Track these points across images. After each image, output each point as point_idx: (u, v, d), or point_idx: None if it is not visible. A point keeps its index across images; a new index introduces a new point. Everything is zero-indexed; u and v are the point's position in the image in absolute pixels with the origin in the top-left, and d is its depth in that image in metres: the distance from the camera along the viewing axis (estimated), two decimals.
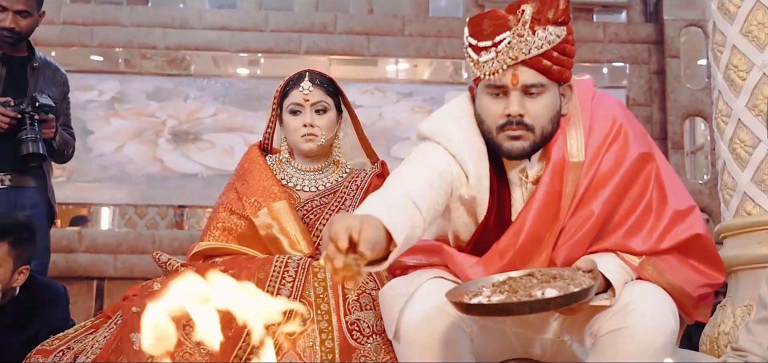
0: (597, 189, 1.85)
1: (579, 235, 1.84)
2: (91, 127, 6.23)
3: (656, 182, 1.89)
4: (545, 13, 1.76)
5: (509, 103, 1.79)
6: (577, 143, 1.86)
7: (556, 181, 1.83)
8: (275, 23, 6.39)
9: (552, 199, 1.83)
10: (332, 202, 2.42)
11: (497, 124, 1.81)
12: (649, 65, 6.47)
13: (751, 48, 2.54)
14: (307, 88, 2.42)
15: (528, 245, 1.84)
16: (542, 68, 1.77)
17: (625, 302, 1.75)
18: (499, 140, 1.82)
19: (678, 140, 6.30)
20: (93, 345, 2.12)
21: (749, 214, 2.52)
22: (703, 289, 1.91)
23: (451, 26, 6.45)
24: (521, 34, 1.75)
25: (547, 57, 1.77)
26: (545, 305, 1.59)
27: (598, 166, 1.85)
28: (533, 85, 1.78)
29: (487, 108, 1.83)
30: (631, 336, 1.71)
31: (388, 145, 6.32)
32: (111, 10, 6.40)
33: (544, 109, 1.80)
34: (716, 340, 2.49)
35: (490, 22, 1.78)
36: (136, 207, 6.40)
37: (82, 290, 5.73)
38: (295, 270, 2.15)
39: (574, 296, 1.59)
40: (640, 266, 1.83)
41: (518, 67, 1.76)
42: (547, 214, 1.84)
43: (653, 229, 1.85)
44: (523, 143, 1.81)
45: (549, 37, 1.76)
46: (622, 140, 1.87)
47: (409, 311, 1.81)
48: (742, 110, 2.55)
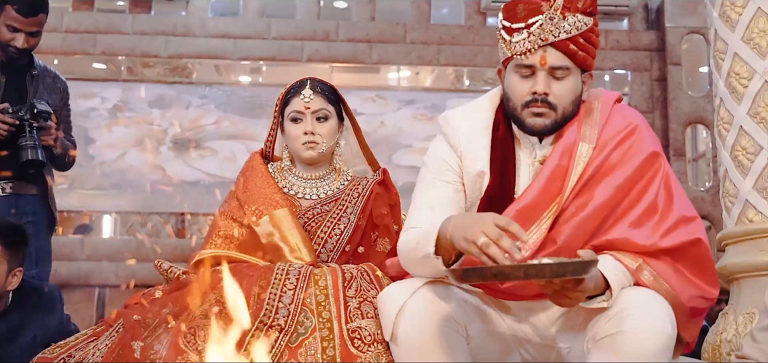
0: (604, 176, 1.91)
1: (580, 217, 1.89)
2: (93, 135, 6.23)
3: (665, 183, 1.92)
4: (576, 2, 1.89)
5: (536, 82, 1.90)
6: (591, 130, 1.95)
7: (564, 158, 1.92)
8: (277, 31, 6.39)
9: (558, 174, 1.91)
10: (333, 210, 2.42)
11: (523, 101, 1.92)
12: (650, 72, 6.47)
13: (752, 55, 2.55)
14: (309, 95, 2.42)
15: (527, 211, 1.89)
16: (569, 52, 1.89)
17: (623, 306, 1.76)
18: (523, 116, 1.93)
19: (680, 147, 6.30)
20: (94, 353, 2.11)
21: (751, 221, 2.52)
22: (696, 300, 1.91)
23: (453, 34, 6.46)
24: (553, 18, 1.87)
25: (574, 42, 1.89)
26: (540, 271, 1.60)
27: (608, 156, 1.92)
28: (559, 67, 1.90)
29: (515, 85, 1.94)
30: (629, 340, 1.72)
31: (390, 152, 6.32)
32: (114, 18, 6.41)
33: (567, 91, 1.92)
34: (718, 348, 2.49)
35: (524, 7, 1.90)
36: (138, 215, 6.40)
37: (84, 298, 5.72)
38: (297, 278, 2.14)
39: (569, 267, 1.61)
40: (637, 270, 1.84)
41: (547, 48, 1.88)
42: (552, 187, 1.91)
43: (658, 226, 1.87)
44: (545, 120, 1.92)
45: (578, 24, 1.88)
46: (636, 137, 1.95)
47: (406, 315, 1.83)
48: (743, 117, 2.55)
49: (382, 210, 2.47)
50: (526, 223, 1.87)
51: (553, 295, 1.75)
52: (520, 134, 2.00)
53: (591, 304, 1.78)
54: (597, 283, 1.76)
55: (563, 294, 1.72)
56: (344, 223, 2.40)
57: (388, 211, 2.48)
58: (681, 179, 5.87)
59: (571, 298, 1.73)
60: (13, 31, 3.11)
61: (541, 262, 1.62)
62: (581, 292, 1.71)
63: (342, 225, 2.40)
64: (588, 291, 1.73)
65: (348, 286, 2.11)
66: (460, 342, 1.86)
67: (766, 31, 2.53)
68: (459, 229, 1.71)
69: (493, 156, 1.98)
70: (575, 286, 1.69)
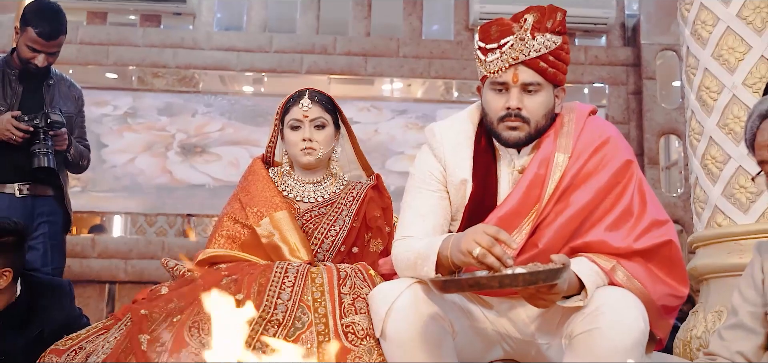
0: (580, 183, 1.92)
1: (558, 222, 1.90)
2: (105, 141, 6.20)
3: (638, 189, 1.93)
4: (545, 23, 1.89)
5: (510, 97, 1.91)
6: (566, 142, 1.95)
7: (541, 168, 1.93)
8: (278, 44, 6.38)
9: (536, 183, 1.92)
10: (330, 213, 2.42)
11: (498, 115, 1.93)
12: (627, 86, 6.48)
13: (721, 71, 2.55)
14: (307, 105, 2.43)
15: (508, 218, 1.91)
16: (539, 69, 1.89)
17: (597, 305, 1.76)
18: (499, 130, 1.94)
19: (654, 156, 6.30)
20: (104, 345, 2.10)
21: (720, 225, 2.53)
22: (667, 299, 1.92)
23: (443, 48, 6.46)
24: (523, 38, 1.88)
25: (544, 59, 1.89)
26: (514, 280, 1.62)
27: (583, 164, 1.93)
28: (531, 83, 1.90)
29: (491, 101, 1.95)
30: (603, 336, 1.73)
31: (384, 158, 6.31)
32: (125, 31, 6.39)
33: (539, 105, 1.92)
34: (689, 344, 2.49)
35: (497, 28, 1.92)
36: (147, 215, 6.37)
37: (95, 293, 5.69)
38: (295, 276, 2.14)
39: (542, 275, 1.62)
40: (611, 271, 1.84)
41: (519, 66, 1.89)
42: (530, 195, 1.92)
43: (632, 229, 1.88)
44: (520, 133, 1.93)
45: (547, 43, 1.89)
46: (610, 146, 1.95)
47: (394, 311, 1.84)
48: (713, 128, 2.56)
49: (376, 213, 2.47)
50: (507, 228, 1.88)
51: (529, 297, 1.77)
52: (499, 146, 2.00)
53: (567, 303, 1.79)
54: (572, 284, 1.77)
55: (538, 297, 1.74)
56: (340, 225, 2.40)
57: (381, 214, 2.48)
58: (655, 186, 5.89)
59: (546, 300, 1.75)
60: (34, 51, 3.10)
61: (515, 272, 1.63)
62: (555, 294, 1.72)
63: (338, 226, 2.39)
64: (562, 292, 1.74)
65: (343, 284, 2.11)
66: (446, 338, 1.86)
67: (735, 48, 2.54)
68: (454, 246, 1.74)
69: (475, 166, 1.99)
70: (549, 290, 1.71)
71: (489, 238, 1.66)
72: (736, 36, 2.54)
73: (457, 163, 2.00)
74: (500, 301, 1.99)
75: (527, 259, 1.85)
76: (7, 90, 3.16)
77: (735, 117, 2.50)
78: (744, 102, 2.49)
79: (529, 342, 1.99)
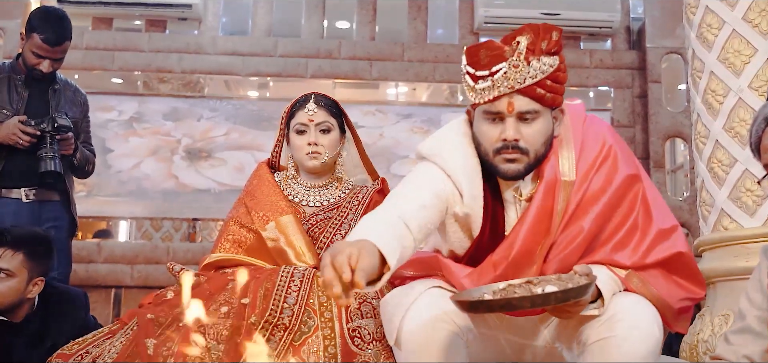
0: (587, 207, 1.84)
1: (569, 249, 1.84)
2: (111, 145, 6.22)
3: (642, 202, 1.88)
4: (539, 45, 1.74)
5: (505, 128, 1.77)
6: (569, 163, 1.85)
7: (548, 199, 1.82)
8: (284, 49, 6.39)
9: (544, 215, 1.82)
10: (335, 217, 2.42)
11: (494, 147, 1.80)
12: (632, 89, 6.47)
13: (727, 74, 2.55)
14: (312, 109, 2.43)
15: (520, 258, 1.83)
16: (536, 96, 1.75)
17: (613, 313, 1.73)
18: (495, 162, 1.81)
19: (659, 160, 6.29)
20: (110, 350, 2.11)
21: (726, 229, 2.52)
22: (684, 302, 1.89)
23: (448, 52, 6.46)
24: (517, 65, 1.73)
25: (540, 86, 1.75)
26: (546, 300, 1.57)
27: (588, 185, 1.84)
28: (528, 111, 1.76)
29: (485, 132, 1.81)
30: (618, 345, 1.69)
31: (389, 162, 6.31)
32: (131, 36, 6.41)
33: (537, 133, 1.79)
34: (695, 348, 2.48)
35: (486, 53, 1.76)
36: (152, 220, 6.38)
37: (101, 298, 5.70)
38: (300, 280, 2.14)
39: (572, 292, 1.58)
40: (626, 278, 1.81)
41: (514, 95, 1.74)
42: (539, 229, 1.83)
43: (638, 245, 1.84)
44: (518, 166, 1.80)
45: (542, 67, 1.74)
46: (612, 162, 1.87)
47: (409, 319, 1.80)
48: (719, 132, 2.55)
49: None
50: (523, 266, 1.83)
51: (553, 311, 1.74)
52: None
53: (585, 312, 1.75)
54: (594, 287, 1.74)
55: (564, 310, 1.71)
56: (346, 229, 2.40)
57: None
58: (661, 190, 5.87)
59: (571, 312, 1.72)
60: (39, 57, 3.11)
61: (546, 292, 1.58)
62: (581, 306, 1.69)
63: (343, 230, 2.39)
64: (587, 304, 1.71)
65: None
66: (461, 346, 1.83)
67: (741, 51, 2.53)
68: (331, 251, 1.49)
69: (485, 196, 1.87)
70: (575, 304, 1.67)
71: (333, 275, 1.43)
72: (741, 39, 2.53)
73: (473, 196, 1.86)
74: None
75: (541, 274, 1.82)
76: (13, 95, 3.17)
77: (741, 120, 2.50)
78: (750, 105, 2.48)
79: (542, 348, 1.97)
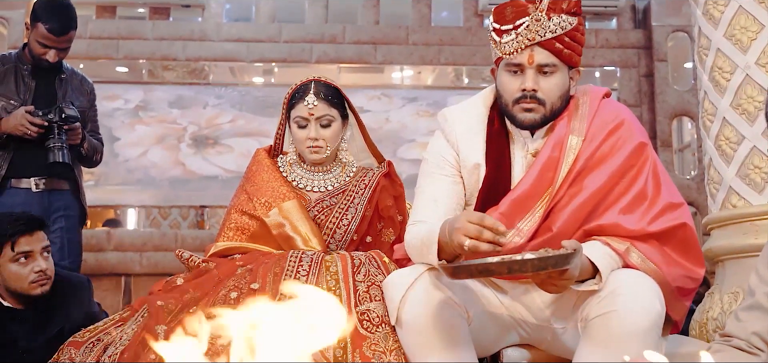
0: (594, 166, 1.90)
1: (572, 205, 1.88)
2: (118, 134, 6.24)
3: (652, 172, 1.91)
4: (560, 3, 1.87)
5: (525, 79, 1.89)
6: (580, 124, 1.94)
7: (555, 150, 1.92)
8: (288, 35, 6.38)
9: (549, 166, 1.91)
10: (341, 202, 2.41)
11: (514, 97, 1.91)
12: (638, 69, 6.44)
13: (734, 50, 2.53)
14: (312, 102, 2.38)
15: (522, 201, 1.89)
16: (555, 50, 1.88)
17: (613, 287, 1.75)
18: (514, 112, 1.92)
19: (666, 139, 6.27)
20: (121, 337, 2.12)
21: (734, 206, 2.51)
22: (683, 280, 1.90)
23: (452, 35, 6.44)
24: (538, 19, 1.86)
25: (559, 41, 1.87)
26: (522, 266, 1.61)
27: (597, 147, 1.91)
28: (547, 64, 1.88)
29: (506, 83, 1.93)
30: (620, 319, 1.71)
31: (395, 146, 6.31)
32: (135, 24, 6.41)
33: (555, 86, 1.91)
34: (705, 325, 2.48)
35: (512, 9, 1.89)
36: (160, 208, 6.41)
37: (111, 286, 5.74)
38: (309, 264, 2.14)
39: (551, 260, 1.60)
40: (625, 252, 1.83)
41: (534, 48, 1.87)
42: (544, 178, 1.90)
43: (646, 212, 1.87)
44: (535, 115, 1.91)
45: (562, 24, 1.87)
46: (625, 129, 1.94)
47: (409, 298, 1.83)
48: (726, 109, 2.54)
49: (388, 202, 2.46)
50: (520, 212, 1.88)
51: (541, 284, 1.75)
52: (513, 129, 1.99)
53: (582, 288, 1.77)
54: (585, 268, 1.76)
55: (550, 282, 1.72)
56: (352, 214, 2.39)
57: (393, 203, 2.47)
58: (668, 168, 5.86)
59: (557, 285, 1.73)
60: (45, 47, 3.12)
61: (524, 258, 1.62)
62: (567, 279, 1.70)
63: (350, 215, 2.39)
64: (574, 278, 1.72)
65: (357, 272, 2.11)
66: (462, 324, 1.86)
67: (748, 27, 2.51)
68: (447, 237, 1.72)
69: (488, 150, 1.98)
70: (560, 276, 1.69)
71: (476, 228, 1.63)
72: (748, 15, 2.51)
73: (470, 147, 1.99)
74: (514, 285, 1.99)
75: (541, 244, 1.84)
76: (20, 85, 3.17)
77: (748, 97, 2.48)
78: (757, 82, 2.47)
79: (544, 327, 1.98)
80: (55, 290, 2.58)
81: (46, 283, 2.50)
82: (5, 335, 2.45)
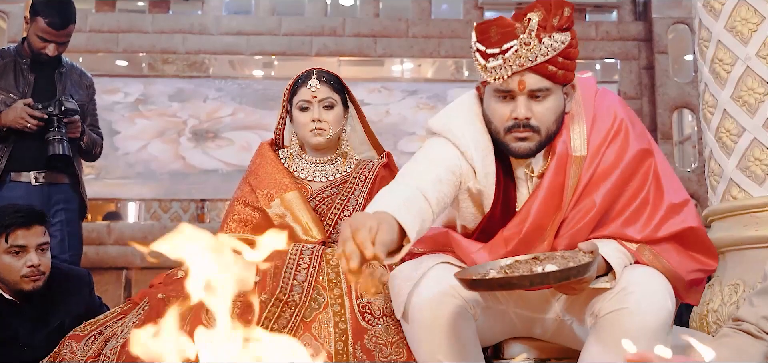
0: (598, 182, 1.83)
1: (581, 225, 1.83)
2: (118, 128, 6.24)
3: (654, 177, 1.86)
4: (550, 21, 1.70)
5: (516, 106, 1.75)
6: (580, 138, 1.83)
7: (559, 174, 1.81)
8: (287, 27, 6.37)
9: (555, 190, 1.81)
10: (342, 192, 2.42)
11: (505, 125, 1.78)
12: (638, 61, 6.43)
13: (735, 42, 2.53)
14: (315, 85, 2.42)
15: (532, 233, 1.82)
16: (548, 73, 1.73)
17: (624, 285, 1.73)
18: (506, 141, 1.79)
19: (667, 131, 6.27)
20: (122, 330, 2.12)
21: (735, 198, 2.51)
22: (696, 273, 1.89)
23: (453, 27, 6.43)
24: (528, 43, 1.69)
25: (552, 63, 1.72)
26: (544, 279, 1.57)
27: (599, 161, 1.83)
28: (539, 89, 1.74)
29: (496, 111, 1.79)
30: (630, 316, 1.70)
31: (395, 139, 6.31)
32: (134, 18, 6.40)
33: (549, 111, 1.77)
34: (705, 317, 2.49)
35: (497, 30, 1.72)
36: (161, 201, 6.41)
37: (112, 280, 5.74)
38: (310, 257, 2.15)
39: (573, 271, 1.58)
40: (638, 250, 1.81)
41: (525, 73, 1.72)
42: (551, 204, 1.82)
43: (650, 220, 1.83)
44: (530, 144, 1.78)
45: (554, 44, 1.71)
46: (623, 136, 1.85)
47: (417, 294, 1.81)
48: (727, 101, 2.54)
49: None
50: (534, 241, 1.83)
51: (560, 288, 1.74)
52: None
53: (595, 285, 1.75)
54: (599, 266, 1.73)
55: (569, 287, 1.71)
56: (353, 205, 2.40)
57: None
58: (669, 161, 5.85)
59: (576, 289, 1.72)
60: (44, 41, 3.11)
61: (545, 271, 1.58)
62: (586, 282, 1.68)
63: (351, 206, 2.40)
64: (593, 278, 1.70)
65: None
66: (468, 320, 1.84)
67: (748, 19, 2.51)
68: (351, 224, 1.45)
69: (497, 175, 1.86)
70: (580, 281, 1.66)
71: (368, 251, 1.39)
72: (749, 7, 2.51)
73: (486, 173, 1.84)
74: None
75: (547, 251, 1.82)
76: (19, 79, 3.17)
77: (749, 89, 2.48)
78: (758, 73, 2.46)
79: (552, 321, 1.97)
80: (55, 284, 2.58)
81: (39, 279, 2.49)
82: (6, 329, 2.45)
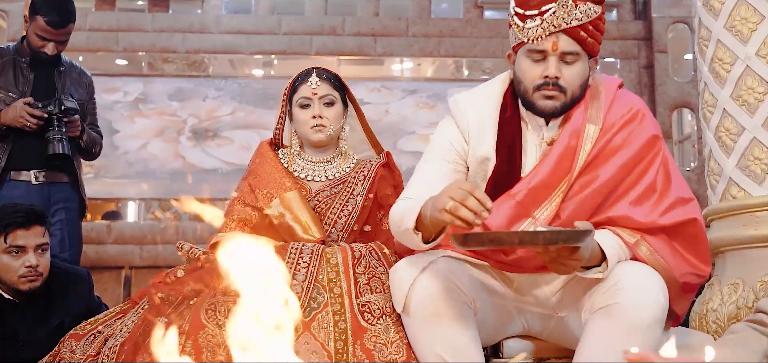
0: (608, 156, 1.90)
1: (584, 194, 1.88)
2: (117, 127, 6.24)
3: (663, 166, 1.92)
4: None
5: (548, 66, 1.88)
6: (597, 114, 1.93)
7: (572, 139, 1.91)
8: (287, 27, 6.37)
9: (567, 154, 1.90)
10: (342, 192, 2.42)
11: (535, 84, 1.90)
12: (638, 60, 6.44)
13: (734, 42, 2.53)
14: (315, 82, 2.43)
15: (540, 189, 1.89)
16: (579, 38, 1.87)
17: (617, 279, 1.76)
18: (534, 98, 1.91)
19: (667, 130, 6.27)
20: (122, 329, 2.12)
21: (734, 198, 2.51)
22: (689, 277, 1.91)
23: (452, 27, 6.43)
24: (565, 6, 1.85)
25: (584, 29, 1.86)
26: (534, 238, 1.61)
27: (612, 137, 1.91)
28: (570, 52, 1.88)
29: (526, 70, 1.92)
30: (624, 311, 1.72)
31: (395, 138, 6.31)
32: (134, 16, 6.40)
33: (576, 75, 1.90)
34: (705, 317, 2.49)
35: None
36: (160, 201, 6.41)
37: (111, 279, 5.75)
38: (310, 256, 2.15)
39: (563, 235, 1.61)
40: (635, 245, 1.84)
41: (559, 35, 1.86)
42: (561, 166, 1.90)
43: (656, 204, 1.87)
44: (555, 103, 1.90)
45: (588, 12, 1.86)
46: (639, 121, 1.94)
47: (418, 288, 1.83)
48: (726, 100, 2.54)
49: (387, 191, 2.47)
50: (538, 200, 1.88)
51: (550, 262, 1.74)
52: (528, 116, 1.98)
53: (588, 274, 1.78)
54: (594, 254, 1.77)
55: (559, 261, 1.72)
56: (352, 204, 2.40)
57: (392, 192, 2.48)
58: None
59: (566, 265, 1.73)
60: (43, 40, 3.11)
61: (536, 230, 1.63)
62: (577, 260, 1.70)
63: (350, 206, 2.40)
64: (584, 260, 1.73)
65: (357, 264, 2.12)
66: (468, 313, 1.86)
67: (748, 18, 2.51)
68: (432, 203, 1.69)
69: (499, 139, 1.97)
70: (570, 255, 1.69)
71: (463, 192, 1.60)
72: (748, 6, 2.51)
73: (480, 138, 1.98)
74: (522, 276, 1.99)
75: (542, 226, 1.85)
76: (19, 77, 3.17)
77: (749, 88, 2.48)
78: (758, 73, 2.47)
79: (549, 316, 1.98)
80: (55, 283, 2.58)
81: (36, 280, 2.49)
82: (6, 328, 2.45)
